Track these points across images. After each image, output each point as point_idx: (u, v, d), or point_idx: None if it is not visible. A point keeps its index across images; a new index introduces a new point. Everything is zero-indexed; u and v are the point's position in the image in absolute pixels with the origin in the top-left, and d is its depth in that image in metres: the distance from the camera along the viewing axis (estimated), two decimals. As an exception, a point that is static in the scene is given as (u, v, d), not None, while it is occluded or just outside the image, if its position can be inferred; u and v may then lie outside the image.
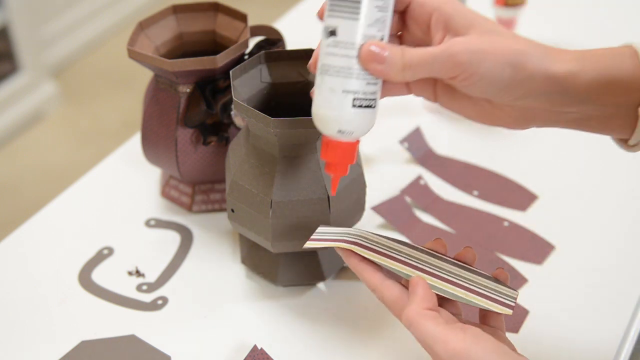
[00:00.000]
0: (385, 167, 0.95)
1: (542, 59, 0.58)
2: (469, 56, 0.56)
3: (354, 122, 0.58)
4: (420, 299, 0.57)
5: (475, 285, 0.61)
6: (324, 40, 0.57)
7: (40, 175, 2.14)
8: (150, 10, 0.94)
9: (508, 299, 0.61)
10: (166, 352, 0.73)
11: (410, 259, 0.62)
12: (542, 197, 0.91)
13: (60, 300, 0.79)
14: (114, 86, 2.46)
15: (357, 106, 0.57)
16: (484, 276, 0.63)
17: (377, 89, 0.58)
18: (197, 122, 0.82)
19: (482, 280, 0.62)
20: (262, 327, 0.76)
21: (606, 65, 0.58)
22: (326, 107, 0.57)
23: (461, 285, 0.61)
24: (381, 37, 0.57)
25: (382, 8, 0.56)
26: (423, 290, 0.58)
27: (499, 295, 0.61)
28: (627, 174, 0.94)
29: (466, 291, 0.60)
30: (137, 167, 0.96)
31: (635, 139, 0.60)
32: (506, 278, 0.64)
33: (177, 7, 0.86)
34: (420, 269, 0.61)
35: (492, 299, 0.60)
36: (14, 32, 2.22)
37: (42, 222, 0.89)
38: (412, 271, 0.60)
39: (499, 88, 0.57)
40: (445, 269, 0.62)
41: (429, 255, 0.63)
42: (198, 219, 0.89)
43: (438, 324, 0.55)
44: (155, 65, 0.79)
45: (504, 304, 0.60)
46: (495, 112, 0.60)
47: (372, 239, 0.64)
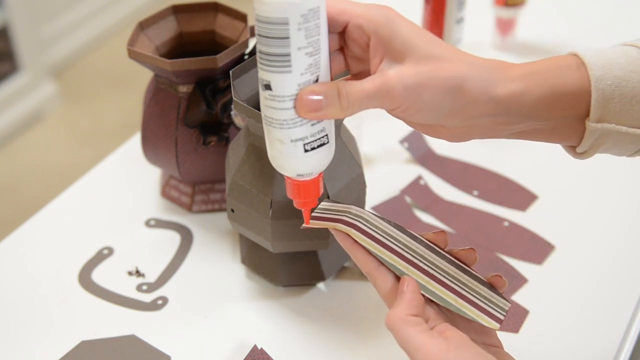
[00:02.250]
0: (385, 167, 0.96)
1: (484, 83, 0.56)
2: (404, 91, 0.55)
3: (310, 165, 0.58)
4: (406, 304, 0.56)
5: (467, 291, 0.59)
6: (261, 92, 0.56)
7: (40, 175, 2.14)
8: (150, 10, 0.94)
9: (499, 310, 0.59)
10: (166, 352, 0.73)
11: (406, 250, 0.60)
12: (542, 197, 0.91)
13: (60, 300, 0.79)
14: (114, 86, 2.46)
15: (309, 150, 0.57)
16: (479, 281, 0.61)
17: (325, 125, 0.57)
18: (197, 122, 0.82)
19: (476, 286, 0.60)
20: (262, 327, 0.76)
21: (552, 82, 0.57)
22: (279, 156, 0.58)
23: (453, 289, 0.59)
24: (315, 79, 0.55)
25: (312, 53, 0.55)
26: (411, 294, 0.56)
27: (490, 305, 0.59)
28: (627, 174, 0.94)
29: (457, 296, 0.59)
30: (137, 167, 0.96)
31: (583, 148, 0.59)
32: (503, 285, 0.61)
33: (177, 7, 0.86)
34: (414, 264, 0.59)
35: (482, 309, 0.59)
36: (14, 32, 2.23)
37: (42, 222, 0.89)
38: (405, 266, 0.59)
39: (440, 116, 0.56)
40: (440, 268, 0.60)
41: (427, 249, 0.62)
42: (198, 219, 0.89)
43: (421, 331, 0.54)
44: (155, 65, 0.79)
45: (493, 316, 0.58)
46: (440, 129, 0.59)
47: (372, 222, 0.62)
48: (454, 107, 0.56)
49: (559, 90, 0.57)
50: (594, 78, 0.56)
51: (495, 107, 0.57)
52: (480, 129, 0.58)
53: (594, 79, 0.56)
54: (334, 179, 0.72)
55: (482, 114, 0.57)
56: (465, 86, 0.55)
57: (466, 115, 0.57)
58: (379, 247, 0.60)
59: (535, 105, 0.57)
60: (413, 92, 0.55)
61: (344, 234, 0.60)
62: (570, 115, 0.58)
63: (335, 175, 0.73)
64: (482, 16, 1.18)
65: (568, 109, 0.57)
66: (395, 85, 0.55)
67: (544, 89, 0.57)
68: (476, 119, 0.57)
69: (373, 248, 0.59)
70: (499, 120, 0.58)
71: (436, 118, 0.57)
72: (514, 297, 0.79)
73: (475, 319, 0.58)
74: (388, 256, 0.59)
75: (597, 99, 0.56)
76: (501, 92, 0.56)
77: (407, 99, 0.55)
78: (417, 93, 0.55)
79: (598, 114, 0.57)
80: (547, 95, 0.57)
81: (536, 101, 0.56)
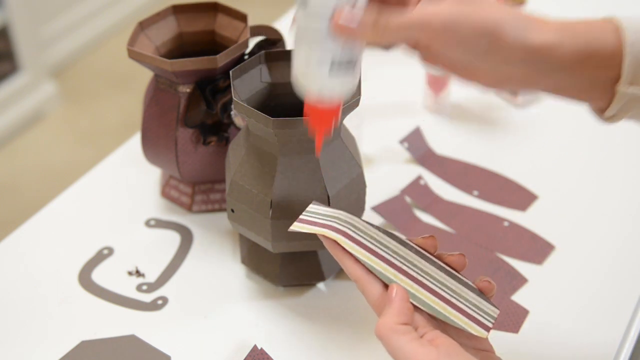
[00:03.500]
0: (385, 167, 0.96)
1: (520, 29, 0.57)
2: (442, 26, 0.56)
3: (332, 88, 0.58)
4: (395, 312, 0.56)
5: (456, 298, 0.59)
6: (298, 10, 0.57)
7: (40, 175, 2.14)
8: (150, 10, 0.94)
9: (487, 317, 0.59)
10: (166, 352, 0.73)
11: (395, 257, 0.60)
12: (542, 197, 0.91)
13: (60, 300, 0.79)
14: (114, 86, 2.46)
15: (334, 73, 0.57)
16: (468, 287, 0.61)
17: (354, 54, 0.57)
18: (197, 122, 0.82)
19: (465, 292, 0.60)
20: (262, 327, 0.76)
21: (586, 40, 0.57)
22: (304, 75, 0.58)
23: (441, 296, 0.59)
24: (354, 2, 0.56)
25: None
26: (399, 302, 0.56)
27: (479, 313, 0.59)
28: (627, 174, 0.94)
29: (445, 304, 0.58)
30: (137, 167, 0.96)
31: (611, 112, 0.59)
32: (491, 290, 0.61)
33: (177, 7, 0.86)
34: (403, 271, 0.59)
35: (471, 316, 0.58)
36: (14, 32, 2.22)
37: (42, 222, 0.89)
38: (394, 274, 0.59)
39: (475, 57, 0.57)
40: (429, 274, 0.60)
41: (416, 255, 0.61)
42: (198, 219, 0.89)
43: (410, 340, 0.54)
44: (155, 65, 0.79)
45: (482, 324, 0.58)
46: (472, 69, 0.59)
47: (361, 229, 0.61)
48: (489, 49, 0.57)
49: (593, 48, 0.57)
50: (629, 42, 0.56)
51: (529, 55, 0.57)
52: (513, 77, 0.59)
53: (628, 42, 0.56)
54: (334, 179, 0.72)
55: (515, 59, 0.57)
56: (502, 30, 0.56)
57: (500, 59, 0.57)
58: (367, 255, 0.59)
59: (567, 59, 0.57)
60: (451, 29, 0.56)
61: (333, 241, 0.60)
62: (601, 76, 0.58)
63: (335, 175, 0.73)
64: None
65: (600, 68, 0.57)
66: (433, 19, 0.56)
67: (578, 44, 0.57)
68: (509, 65, 0.58)
69: (361, 255, 0.59)
70: (531, 68, 0.58)
71: (470, 59, 0.58)
72: (514, 297, 0.79)
73: (463, 328, 0.58)
74: (376, 263, 0.59)
75: (630, 62, 0.56)
76: (535, 40, 0.57)
77: (444, 34, 0.56)
78: (454, 30, 0.56)
79: (630, 77, 0.57)
80: (580, 50, 0.57)
81: (569, 54, 0.57)
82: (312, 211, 0.65)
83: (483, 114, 1.04)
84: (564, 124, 1.00)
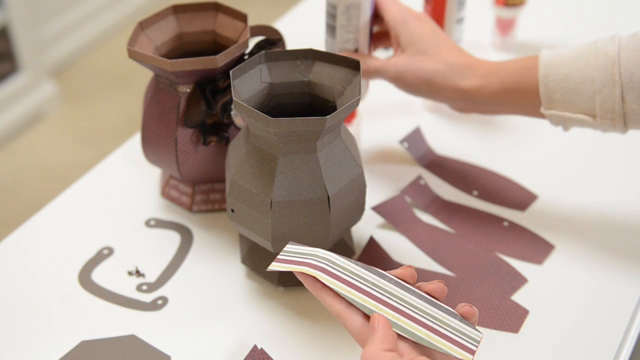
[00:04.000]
0: (385, 167, 0.96)
1: (452, 78, 0.81)
2: (396, 74, 0.83)
3: None
4: (380, 340, 0.56)
5: (438, 324, 0.59)
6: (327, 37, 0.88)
7: (40, 175, 2.14)
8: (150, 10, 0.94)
9: (471, 342, 0.59)
10: (166, 352, 0.73)
11: (375, 289, 0.60)
12: (542, 197, 0.91)
13: (61, 300, 0.79)
14: (114, 86, 2.46)
15: None
16: (450, 313, 0.61)
17: None
18: (197, 122, 0.82)
19: (446, 319, 0.60)
20: (262, 327, 0.76)
21: (509, 79, 0.79)
22: None
23: (424, 324, 0.59)
24: (355, 49, 0.87)
25: (351, 31, 0.85)
26: (383, 330, 0.57)
27: (462, 337, 0.59)
28: (626, 174, 0.94)
29: (428, 331, 0.58)
30: (137, 167, 0.96)
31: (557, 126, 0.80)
32: (473, 315, 0.61)
33: (177, 7, 0.86)
34: (384, 302, 0.59)
35: (454, 341, 0.58)
36: (14, 32, 2.22)
37: (42, 222, 0.89)
38: (375, 305, 0.59)
39: (421, 94, 0.84)
40: (410, 304, 0.60)
41: (395, 286, 0.61)
42: (198, 219, 0.89)
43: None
44: (155, 65, 0.79)
45: (466, 347, 0.58)
46: None
47: (339, 264, 0.62)
48: (429, 90, 0.82)
49: (515, 86, 0.78)
50: (541, 75, 0.77)
51: (459, 95, 0.81)
52: (456, 107, 0.86)
53: (540, 76, 0.77)
54: (334, 179, 0.72)
55: (451, 99, 0.82)
56: (437, 79, 0.81)
57: (439, 98, 0.83)
58: (347, 288, 0.60)
59: (492, 97, 0.80)
60: (400, 76, 0.83)
61: (311, 278, 0.61)
62: (527, 104, 0.79)
63: (335, 175, 0.73)
64: (482, 16, 1.18)
65: (523, 99, 0.79)
66: (389, 69, 0.84)
67: (500, 85, 0.79)
68: (448, 101, 0.84)
69: (341, 289, 0.59)
70: (467, 103, 0.83)
71: (419, 95, 0.84)
72: (514, 297, 0.79)
73: (447, 352, 0.58)
74: (357, 296, 0.59)
75: (543, 91, 0.77)
76: (464, 85, 0.81)
77: (396, 80, 0.84)
78: (402, 77, 0.83)
79: (546, 102, 0.77)
80: (503, 89, 0.79)
81: (493, 93, 0.80)
82: (289, 251, 0.65)
83: (483, 114, 1.04)
84: (564, 124, 1.00)
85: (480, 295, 0.78)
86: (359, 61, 0.73)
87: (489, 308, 0.77)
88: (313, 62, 0.76)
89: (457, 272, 0.82)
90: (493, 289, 0.79)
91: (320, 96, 0.76)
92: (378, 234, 0.86)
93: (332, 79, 0.75)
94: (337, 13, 0.83)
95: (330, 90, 0.75)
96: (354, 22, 0.84)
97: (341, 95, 0.74)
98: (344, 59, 0.74)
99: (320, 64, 0.76)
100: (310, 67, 0.76)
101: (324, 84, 0.75)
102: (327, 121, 0.67)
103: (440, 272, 0.82)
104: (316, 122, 0.67)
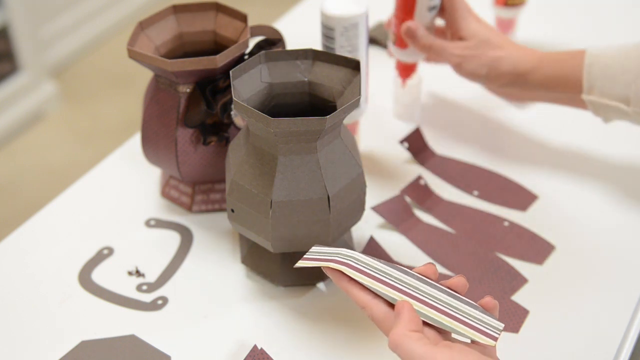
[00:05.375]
0: (385, 167, 0.96)
1: (514, 62, 0.88)
2: (459, 58, 0.90)
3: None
4: (405, 322, 0.57)
5: (461, 315, 0.60)
6: None
7: (40, 175, 2.14)
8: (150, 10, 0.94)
9: (493, 330, 0.60)
10: (166, 352, 0.73)
11: (399, 283, 0.62)
12: (542, 197, 0.91)
13: (61, 300, 0.79)
14: (114, 86, 2.46)
15: None
16: (471, 305, 0.62)
17: None
18: (197, 122, 0.82)
19: (469, 310, 0.61)
20: (262, 327, 0.76)
21: (558, 66, 0.86)
22: None
23: (448, 313, 0.60)
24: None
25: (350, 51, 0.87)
26: (408, 312, 0.58)
27: (484, 326, 0.60)
28: (626, 174, 0.94)
29: (452, 319, 0.60)
30: (137, 167, 0.96)
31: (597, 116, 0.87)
32: (494, 307, 0.63)
33: (177, 7, 0.86)
34: (408, 294, 0.61)
35: (477, 328, 0.60)
36: (14, 32, 2.22)
37: (42, 222, 0.89)
38: (399, 295, 0.60)
39: (480, 79, 0.90)
40: (433, 296, 0.62)
41: (418, 281, 0.63)
42: (198, 219, 0.89)
43: (424, 344, 0.56)
44: (155, 65, 0.79)
45: (488, 334, 0.59)
46: None
47: (363, 261, 0.64)
48: (489, 75, 0.89)
49: (563, 73, 0.86)
50: (587, 63, 0.83)
51: (517, 79, 0.88)
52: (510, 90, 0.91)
53: (586, 63, 0.83)
54: (334, 179, 0.72)
55: (506, 84, 0.89)
56: (498, 63, 0.88)
57: (497, 82, 0.90)
58: (372, 281, 0.62)
59: (541, 82, 0.87)
60: (465, 60, 0.90)
61: (338, 272, 0.63)
62: (570, 91, 0.86)
63: (335, 175, 0.73)
64: (482, 16, 1.18)
65: (568, 86, 0.86)
66: (454, 51, 0.90)
67: (550, 71, 0.87)
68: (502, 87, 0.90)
69: (366, 282, 0.61)
70: (519, 88, 0.90)
71: (477, 79, 0.91)
72: (514, 297, 0.79)
73: (471, 337, 0.59)
74: (382, 288, 0.61)
75: (586, 78, 0.83)
76: (522, 69, 0.88)
77: (461, 63, 0.90)
78: (466, 61, 0.90)
79: (586, 88, 0.84)
80: (550, 75, 0.87)
81: (543, 79, 0.87)
82: (315, 251, 0.67)
83: (483, 114, 1.04)
84: (564, 124, 1.00)
85: (480, 295, 0.78)
86: (359, 61, 0.73)
87: (489, 308, 0.77)
88: (313, 62, 0.76)
89: (457, 272, 0.81)
90: (493, 289, 0.79)
91: (320, 96, 0.76)
92: (378, 234, 0.86)
93: (332, 79, 0.75)
94: (335, 35, 0.85)
95: (330, 90, 0.75)
96: (353, 41, 0.86)
97: (341, 95, 0.74)
98: (344, 59, 0.74)
99: (320, 64, 0.76)
100: (310, 67, 0.76)
101: (324, 84, 0.75)
102: (327, 121, 0.67)
103: (441, 272, 0.82)
104: (316, 122, 0.67)
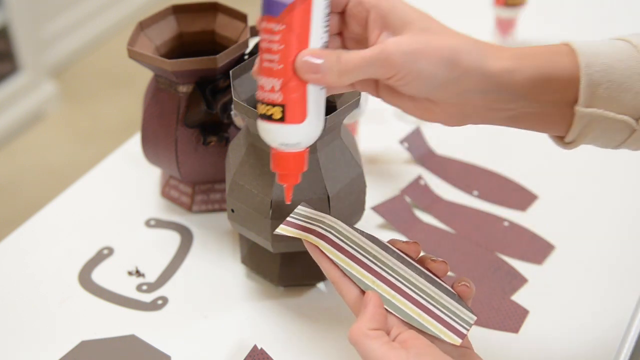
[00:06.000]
0: (385, 167, 0.96)
1: (478, 56, 0.57)
2: (402, 57, 0.56)
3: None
4: (368, 318, 0.58)
5: (433, 304, 0.60)
6: None
7: (40, 175, 2.15)
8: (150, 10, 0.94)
9: (462, 324, 0.60)
10: (166, 352, 0.73)
11: (375, 262, 0.62)
12: (542, 197, 0.91)
13: (61, 300, 0.79)
14: (114, 86, 2.46)
15: None
16: (447, 292, 0.62)
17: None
18: (197, 122, 0.82)
19: (442, 298, 0.61)
20: (262, 327, 0.76)
21: (543, 64, 0.58)
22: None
23: (418, 302, 0.60)
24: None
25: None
26: (373, 308, 0.58)
27: (454, 319, 0.60)
28: (626, 173, 0.94)
29: (421, 310, 0.60)
30: (137, 167, 0.96)
31: (571, 136, 0.60)
32: (469, 293, 0.62)
33: (177, 7, 0.86)
34: (381, 276, 0.61)
35: (445, 322, 0.60)
36: (14, 32, 2.23)
37: (42, 222, 0.89)
38: (372, 280, 0.60)
39: (435, 86, 0.57)
40: (408, 280, 0.61)
41: (396, 260, 0.62)
42: (198, 219, 0.89)
43: (382, 344, 0.56)
44: (155, 65, 0.79)
45: (456, 330, 0.59)
46: (433, 108, 0.59)
47: (344, 233, 0.63)
48: (448, 77, 0.57)
49: (549, 72, 0.58)
50: (583, 64, 0.57)
51: (487, 83, 0.57)
52: (472, 109, 0.59)
53: (583, 64, 0.57)
54: (334, 179, 0.72)
55: (474, 88, 0.57)
56: (460, 58, 0.57)
57: (459, 88, 0.57)
58: (346, 260, 0.61)
59: (525, 84, 0.58)
60: (410, 59, 0.56)
61: (314, 245, 0.63)
62: (559, 100, 0.58)
63: (335, 175, 0.73)
64: (482, 16, 1.18)
65: (557, 92, 0.58)
66: (393, 51, 0.56)
67: (534, 69, 0.58)
68: (468, 94, 0.58)
69: (340, 261, 0.61)
70: (490, 97, 0.58)
71: (429, 90, 0.57)
72: (514, 297, 0.79)
73: (436, 335, 0.59)
74: (355, 269, 0.61)
75: (586, 84, 0.57)
76: (493, 67, 0.57)
77: (404, 65, 0.56)
78: (413, 60, 0.56)
79: (587, 99, 0.57)
80: (537, 75, 0.58)
81: (527, 80, 0.57)
82: (299, 213, 0.67)
83: (483, 114, 1.04)
84: (564, 124, 1.00)
85: (480, 295, 0.78)
86: None
87: (489, 308, 0.77)
88: (313, 62, 0.76)
89: (457, 272, 0.81)
90: (493, 289, 0.79)
91: (320, 96, 0.76)
92: (378, 234, 0.86)
93: (332, 79, 0.75)
94: None
95: (330, 90, 0.75)
96: None
97: (341, 96, 0.74)
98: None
99: (320, 64, 0.76)
100: (310, 67, 0.76)
101: (324, 84, 0.75)
102: (327, 121, 0.67)
103: (440, 272, 0.82)
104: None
